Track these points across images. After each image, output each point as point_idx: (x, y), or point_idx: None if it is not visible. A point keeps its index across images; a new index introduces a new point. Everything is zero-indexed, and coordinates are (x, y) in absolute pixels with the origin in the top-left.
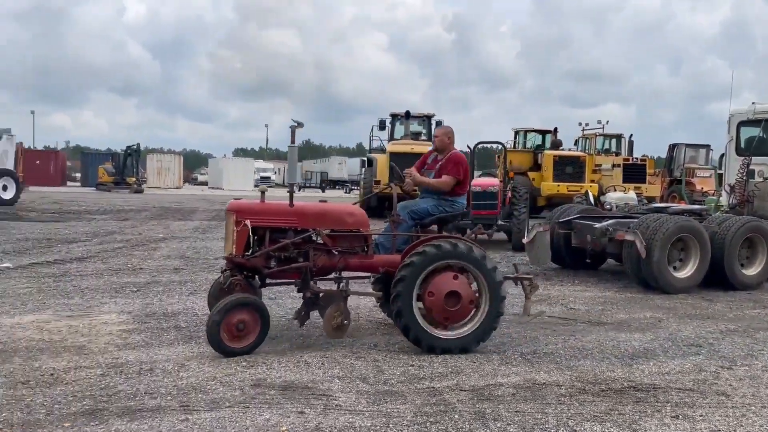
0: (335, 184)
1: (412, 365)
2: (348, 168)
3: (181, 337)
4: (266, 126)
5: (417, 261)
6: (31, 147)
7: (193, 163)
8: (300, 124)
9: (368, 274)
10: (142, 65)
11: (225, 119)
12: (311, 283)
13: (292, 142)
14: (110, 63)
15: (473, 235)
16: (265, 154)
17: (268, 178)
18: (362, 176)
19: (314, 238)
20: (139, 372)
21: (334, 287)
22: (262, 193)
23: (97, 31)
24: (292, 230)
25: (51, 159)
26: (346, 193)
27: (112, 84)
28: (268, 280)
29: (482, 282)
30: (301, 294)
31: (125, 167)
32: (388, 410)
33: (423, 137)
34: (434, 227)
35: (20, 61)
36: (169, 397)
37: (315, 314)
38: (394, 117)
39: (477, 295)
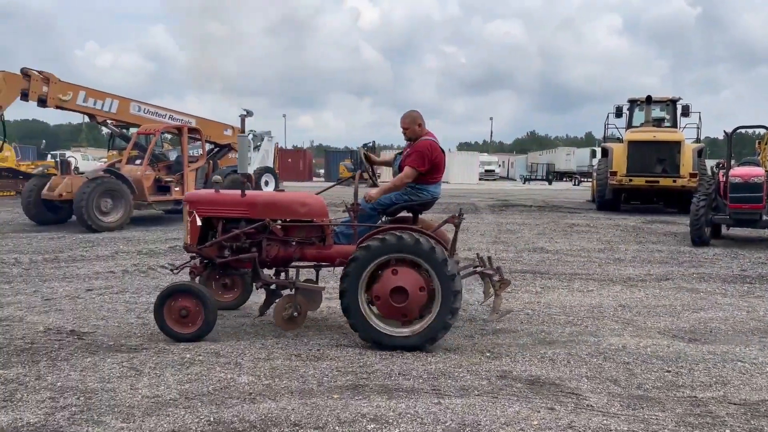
0: (562, 175)
1: (668, 371)
2: (576, 159)
3: None
4: (490, 119)
5: (360, 256)
6: (283, 147)
7: None
8: (249, 113)
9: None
10: (375, 67)
11: (450, 114)
12: (262, 273)
13: (242, 131)
14: (346, 66)
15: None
16: (489, 147)
17: (493, 171)
18: (596, 167)
19: (270, 227)
20: (391, 354)
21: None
22: (216, 183)
23: (336, 38)
24: (245, 220)
25: (300, 157)
26: (574, 185)
27: (349, 86)
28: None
29: (432, 275)
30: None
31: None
32: (646, 416)
33: (666, 123)
34: (409, 216)
35: (273, 71)
36: (420, 380)
37: None
38: (633, 103)
39: (427, 287)
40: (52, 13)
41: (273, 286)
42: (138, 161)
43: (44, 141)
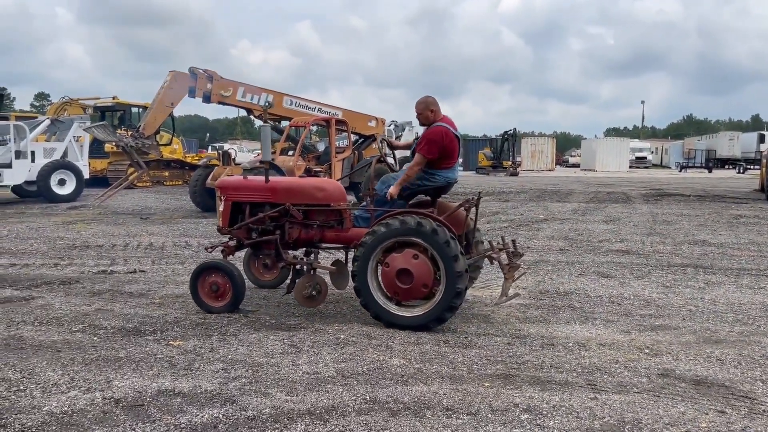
0: (724, 163)
1: None
2: (741, 144)
3: (576, 317)
4: (642, 102)
5: (360, 253)
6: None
7: (563, 145)
8: (270, 105)
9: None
10: (515, 52)
11: (596, 99)
12: (285, 253)
13: (265, 121)
14: (485, 53)
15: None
16: (640, 132)
17: (645, 158)
18: (766, 153)
19: (290, 211)
20: (541, 345)
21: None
22: (244, 170)
23: (475, 24)
24: (268, 205)
25: None
26: (739, 172)
27: (487, 73)
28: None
29: (437, 258)
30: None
31: (502, 152)
32: None
33: None
34: (427, 200)
35: (412, 61)
36: (574, 374)
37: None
38: None
39: (432, 267)
40: (209, 16)
41: (299, 266)
42: (290, 152)
43: (208, 134)
